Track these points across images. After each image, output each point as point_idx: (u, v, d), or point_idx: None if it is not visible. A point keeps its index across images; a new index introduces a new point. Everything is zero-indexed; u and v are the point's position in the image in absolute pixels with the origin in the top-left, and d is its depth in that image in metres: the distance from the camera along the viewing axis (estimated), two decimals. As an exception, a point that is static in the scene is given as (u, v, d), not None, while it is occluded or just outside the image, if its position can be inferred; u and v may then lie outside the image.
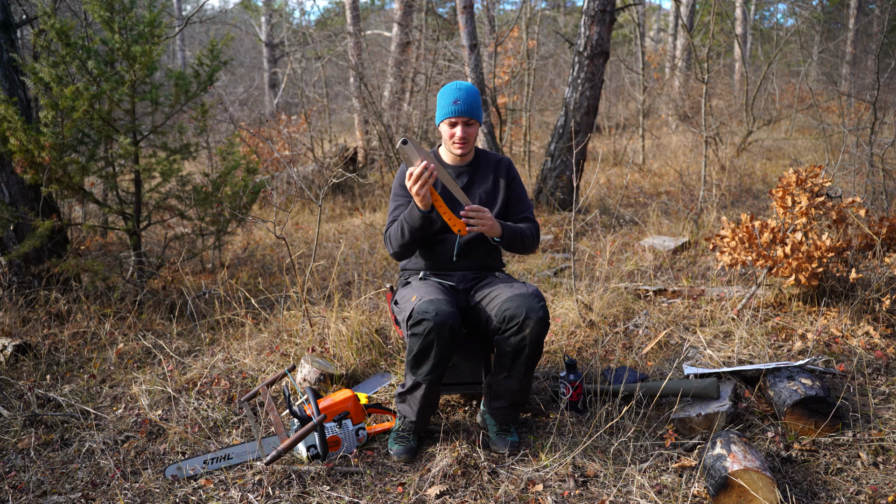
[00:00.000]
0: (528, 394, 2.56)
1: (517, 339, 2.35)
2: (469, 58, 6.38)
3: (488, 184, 2.69)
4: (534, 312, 2.33)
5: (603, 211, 6.51)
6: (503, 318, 2.36)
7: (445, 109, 2.55)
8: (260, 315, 3.96)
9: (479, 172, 2.70)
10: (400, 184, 2.66)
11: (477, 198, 2.66)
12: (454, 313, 2.32)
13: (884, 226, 3.51)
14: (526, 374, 2.43)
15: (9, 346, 3.50)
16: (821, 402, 2.44)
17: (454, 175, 2.67)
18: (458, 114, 2.53)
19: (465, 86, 2.56)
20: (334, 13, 20.10)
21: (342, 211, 7.48)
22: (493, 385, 2.51)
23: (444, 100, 2.56)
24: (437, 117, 2.61)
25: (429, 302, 2.33)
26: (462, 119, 2.55)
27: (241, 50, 19.84)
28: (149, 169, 4.26)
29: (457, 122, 2.56)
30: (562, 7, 18.91)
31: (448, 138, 2.60)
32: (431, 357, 2.33)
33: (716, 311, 3.67)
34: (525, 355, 2.38)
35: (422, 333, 2.30)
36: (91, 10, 4.01)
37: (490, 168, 2.71)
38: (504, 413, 2.53)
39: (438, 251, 2.65)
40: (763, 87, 10.99)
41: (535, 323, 2.33)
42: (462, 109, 2.53)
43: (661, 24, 22.95)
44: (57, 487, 2.41)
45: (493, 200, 2.68)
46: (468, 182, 2.68)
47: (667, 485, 2.23)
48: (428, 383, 2.39)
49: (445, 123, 2.58)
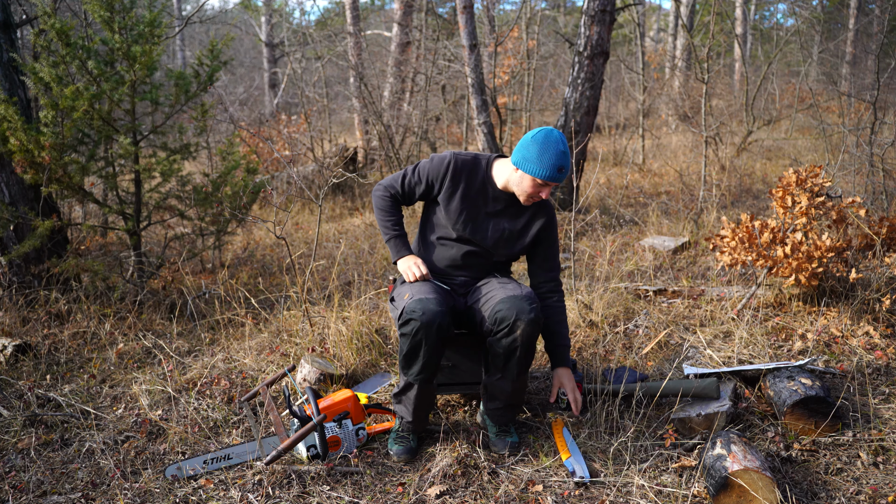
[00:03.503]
0: (523, 394, 2.55)
1: (508, 341, 2.34)
2: (469, 58, 6.38)
3: (517, 225, 2.57)
4: (524, 314, 2.30)
5: (603, 211, 6.51)
6: (495, 320, 2.35)
7: (546, 171, 2.35)
8: (260, 315, 3.96)
9: (515, 208, 2.57)
10: (428, 169, 2.55)
11: (498, 232, 2.56)
12: (442, 312, 2.29)
13: (884, 226, 3.51)
14: (519, 375, 2.42)
15: (9, 346, 3.50)
16: (821, 402, 2.44)
17: (492, 197, 2.56)
18: (558, 180, 2.39)
19: (567, 150, 2.40)
20: (334, 13, 20.09)
21: (342, 211, 7.48)
22: (489, 386, 2.50)
23: (548, 160, 2.35)
24: (528, 168, 2.37)
25: (417, 301, 2.32)
26: (557, 185, 2.43)
27: (241, 50, 19.84)
28: (149, 169, 4.26)
29: (549, 186, 2.41)
30: (562, 7, 18.91)
31: (529, 191, 2.42)
32: (421, 357, 2.32)
33: (716, 311, 3.67)
34: (517, 357, 2.37)
35: (410, 333, 2.29)
36: (91, 10, 4.01)
37: (529, 210, 2.57)
38: (500, 414, 2.53)
39: (439, 257, 2.63)
40: (763, 87, 10.99)
41: (525, 325, 2.30)
42: (564, 178, 2.40)
43: (661, 24, 22.95)
44: (57, 487, 2.41)
45: (511, 243, 2.58)
46: (500, 210, 2.56)
47: (667, 485, 2.23)
48: (419, 383, 2.39)
49: (535, 181, 2.39)
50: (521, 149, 2.40)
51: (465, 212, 2.53)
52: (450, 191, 2.53)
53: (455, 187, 2.52)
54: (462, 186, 2.52)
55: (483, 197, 2.55)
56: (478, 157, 2.56)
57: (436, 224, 2.61)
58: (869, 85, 10.23)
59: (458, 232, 2.55)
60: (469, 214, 2.54)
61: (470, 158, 2.55)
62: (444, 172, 2.52)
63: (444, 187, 2.53)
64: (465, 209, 2.53)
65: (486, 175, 2.55)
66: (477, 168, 2.54)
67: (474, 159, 2.55)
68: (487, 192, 2.55)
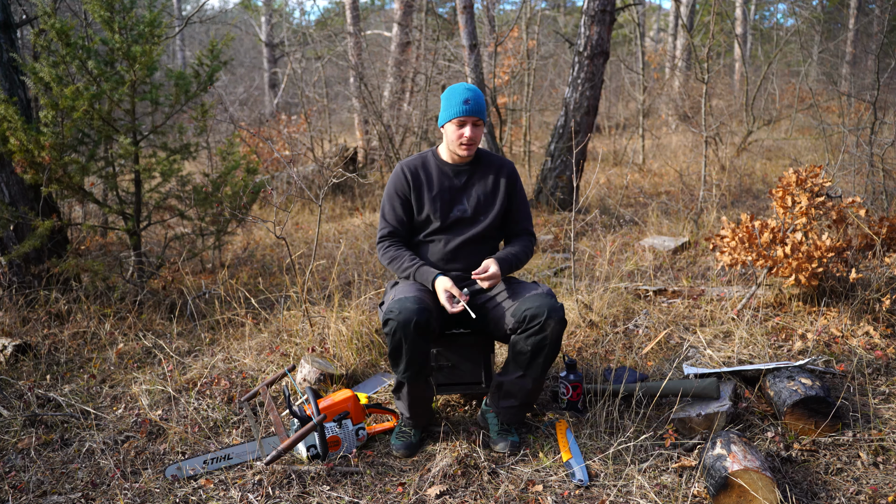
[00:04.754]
0: (539, 394, 2.58)
1: (538, 339, 2.36)
2: (469, 58, 6.38)
3: (487, 186, 2.68)
4: (555, 312, 2.35)
5: (603, 211, 6.51)
6: (524, 318, 2.37)
7: (455, 109, 2.53)
8: (260, 315, 3.96)
9: (479, 173, 2.69)
10: (394, 188, 2.66)
11: (474, 198, 2.65)
12: (419, 310, 2.31)
13: (884, 226, 3.51)
14: (542, 373, 2.45)
15: (9, 346, 3.50)
16: (821, 402, 2.44)
17: (452, 174, 2.67)
18: (469, 113, 2.52)
19: (472, 87, 2.56)
20: (334, 13, 20.09)
21: (342, 211, 7.48)
22: (505, 384, 2.51)
23: (453, 99, 2.54)
24: (444, 117, 2.58)
25: (396, 301, 2.37)
26: (472, 119, 2.53)
27: (241, 50, 19.84)
28: (149, 169, 4.26)
29: (466, 122, 2.54)
30: (562, 7, 18.91)
31: (455, 139, 2.57)
32: (404, 354, 2.36)
33: (716, 311, 3.67)
34: (544, 354, 2.39)
35: (390, 333, 2.34)
36: (91, 10, 4.01)
37: (491, 170, 2.70)
38: (514, 412, 2.54)
39: (430, 255, 2.66)
40: (763, 87, 10.99)
41: (556, 323, 2.34)
42: (473, 109, 2.52)
43: (661, 24, 22.95)
44: (57, 487, 2.41)
45: (490, 204, 2.67)
46: (466, 181, 2.66)
47: (667, 485, 2.23)
48: (408, 381, 2.43)
49: (454, 123, 2.55)
50: (439, 112, 2.63)
51: (439, 198, 2.63)
52: (417, 192, 2.64)
53: (419, 187, 2.65)
54: (424, 183, 2.65)
55: (446, 179, 2.66)
56: (422, 154, 2.75)
57: (416, 226, 2.69)
58: (869, 85, 10.23)
59: (442, 218, 2.62)
60: (443, 198, 2.64)
61: (416, 158, 2.72)
62: (405, 180, 2.65)
63: (411, 192, 2.64)
64: (438, 196, 2.63)
65: (437, 162, 2.69)
66: (426, 161, 2.70)
67: (420, 156, 2.73)
68: (447, 174, 2.67)
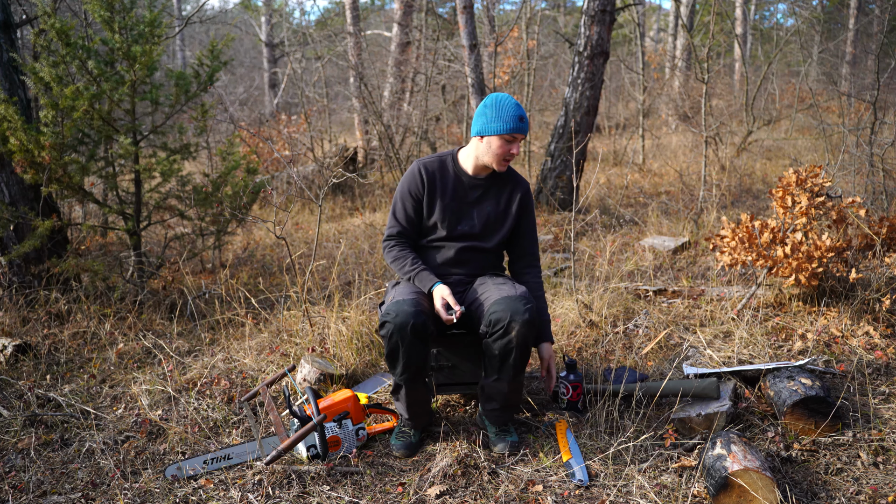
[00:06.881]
0: (519, 395, 2.55)
1: (503, 343, 2.34)
2: (469, 58, 6.38)
3: (500, 206, 2.61)
4: (519, 315, 2.30)
5: (603, 211, 6.51)
6: (489, 322, 2.35)
7: (508, 124, 2.42)
8: (260, 315, 3.96)
9: (494, 189, 2.61)
10: (408, 187, 2.60)
11: (484, 216, 2.60)
12: (415, 313, 2.30)
13: (884, 226, 3.51)
14: (515, 376, 2.43)
15: (9, 346, 3.50)
16: (821, 402, 2.44)
17: (468, 186, 2.60)
18: (523, 131, 2.44)
19: (518, 103, 2.49)
20: (334, 13, 20.08)
21: (342, 211, 7.48)
22: (486, 388, 2.51)
23: (505, 113, 2.43)
24: (491, 129, 2.44)
25: (393, 303, 2.35)
26: (522, 137, 2.46)
27: (241, 50, 19.84)
28: (149, 169, 4.26)
29: (516, 139, 2.45)
30: (562, 7, 18.91)
31: (501, 153, 2.47)
32: (401, 357, 2.35)
33: (716, 311, 3.67)
34: (513, 358, 2.37)
35: (386, 336, 2.33)
36: (91, 10, 4.01)
37: (506, 188, 2.62)
38: (497, 415, 2.54)
39: (434, 259, 2.65)
40: (763, 87, 10.99)
41: (520, 326, 2.30)
42: (525, 127, 2.45)
43: (661, 24, 22.95)
44: (57, 487, 2.41)
45: (499, 223, 2.62)
46: (479, 196, 2.60)
47: (667, 485, 2.23)
48: (405, 383, 2.42)
49: (503, 138, 2.44)
50: (479, 118, 2.48)
51: (450, 209, 2.59)
52: (430, 196, 2.59)
53: (433, 191, 2.58)
54: (438, 188, 2.58)
55: (461, 189, 2.60)
56: (441, 156, 2.64)
57: (423, 230, 2.66)
58: (869, 85, 10.23)
59: (449, 230, 2.59)
60: (453, 210, 2.59)
61: (435, 159, 2.62)
62: (420, 181, 2.58)
63: (424, 195, 2.59)
64: (449, 207, 2.58)
65: (455, 168, 2.61)
66: (444, 166, 2.61)
67: (439, 158, 2.63)
68: (463, 184, 2.60)
